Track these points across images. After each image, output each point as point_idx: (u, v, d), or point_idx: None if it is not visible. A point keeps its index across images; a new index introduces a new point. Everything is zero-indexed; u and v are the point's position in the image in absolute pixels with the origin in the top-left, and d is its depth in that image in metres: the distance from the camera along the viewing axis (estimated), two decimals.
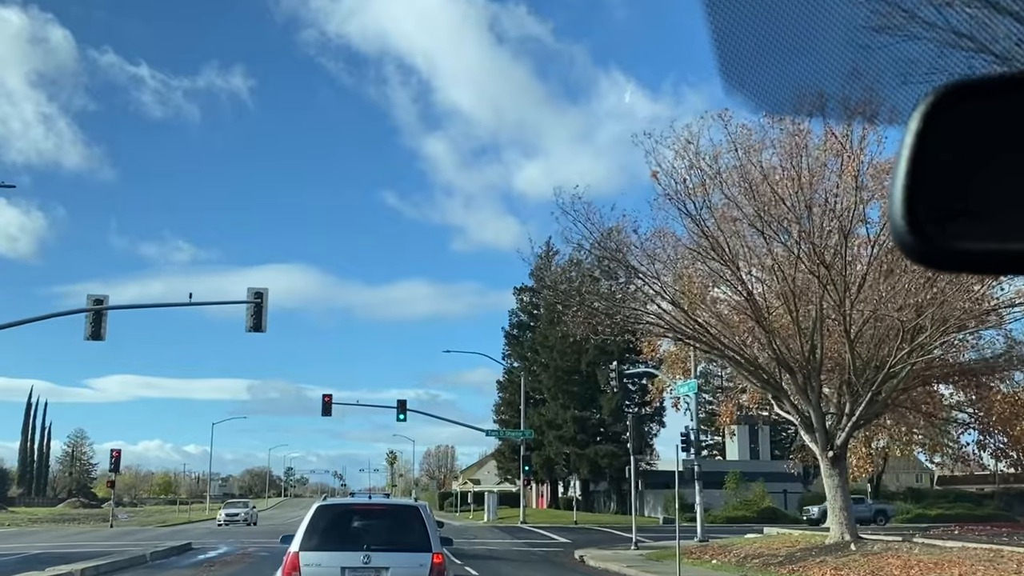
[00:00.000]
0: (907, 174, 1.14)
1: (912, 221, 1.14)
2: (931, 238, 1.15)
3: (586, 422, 68.16)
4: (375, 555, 11.40)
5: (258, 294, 32.23)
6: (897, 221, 1.14)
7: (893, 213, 1.15)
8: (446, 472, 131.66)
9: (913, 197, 1.15)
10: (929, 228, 1.15)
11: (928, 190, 1.15)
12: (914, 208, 1.14)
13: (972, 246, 1.16)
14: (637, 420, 36.52)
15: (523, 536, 45.13)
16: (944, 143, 1.15)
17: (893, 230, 1.13)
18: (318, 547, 11.55)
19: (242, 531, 50.16)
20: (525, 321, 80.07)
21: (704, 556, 29.78)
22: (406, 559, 11.56)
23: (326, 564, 11.39)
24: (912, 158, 1.15)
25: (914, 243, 1.14)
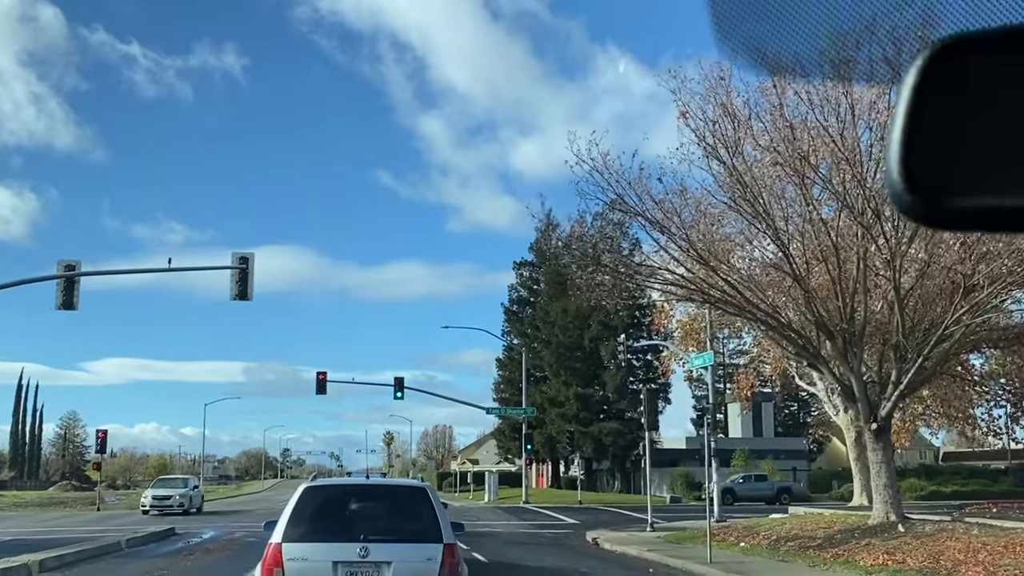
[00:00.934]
0: (904, 130, 1.13)
1: (909, 178, 1.13)
2: (928, 196, 1.14)
3: (589, 399, 65.68)
4: (374, 547, 9.26)
5: (243, 259, 29.57)
6: (893, 178, 1.13)
7: (890, 170, 1.14)
8: (444, 452, 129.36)
9: (910, 154, 1.13)
10: (926, 185, 1.14)
11: (925, 147, 1.13)
12: (911, 165, 1.13)
13: (969, 203, 1.14)
14: (652, 394, 33.98)
15: (528, 517, 42.66)
16: (942, 98, 1.14)
17: (889, 187, 1.12)
18: (305, 537, 9.46)
19: (232, 512, 47.59)
20: (525, 297, 77.50)
21: (729, 538, 27.28)
22: (412, 551, 9.42)
23: (314, 558, 9.29)
24: (909, 114, 1.14)
25: (911, 201, 1.13)
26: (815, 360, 24.01)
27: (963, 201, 1.17)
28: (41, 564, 19.01)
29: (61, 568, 19.51)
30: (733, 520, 35.63)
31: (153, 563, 20.32)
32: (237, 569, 18.46)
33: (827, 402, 37.56)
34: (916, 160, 1.16)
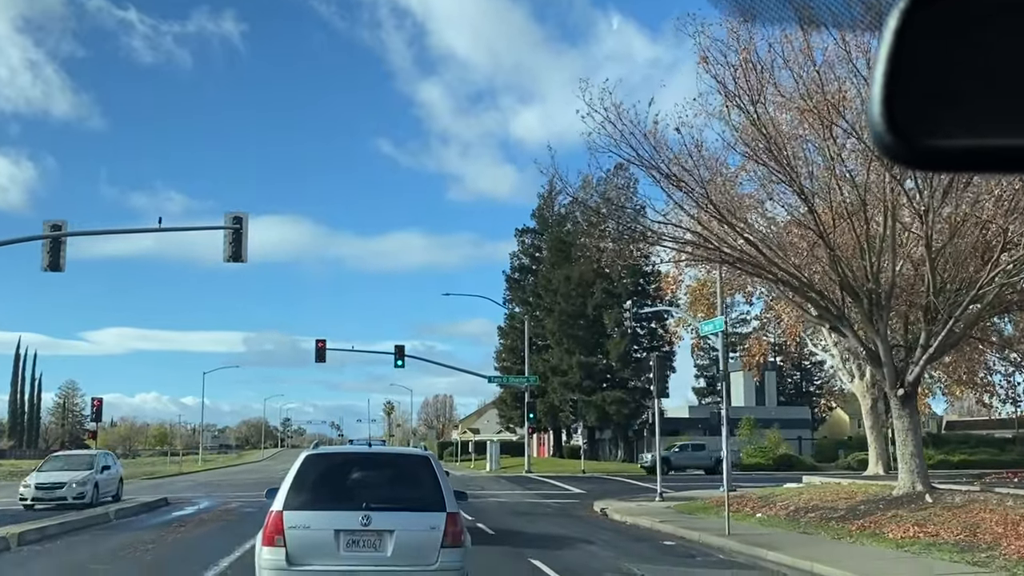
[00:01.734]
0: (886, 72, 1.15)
1: (890, 119, 1.15)
2: (909, 136, 1.15)
3: (592, 368, 64.51)
4: (376, 515, 9.05)
5: (237, 219, 28.20)
6: (875, 119, 1.15)
7: (872, 111, 1.15)
8: (445, 422, 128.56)
9: (892, 95, 1.15)
10: (907, 126, 1.15)
11: (907, 88, 1.15)
12: (892, 106, 1.15)
13: (950, 144, 1.16)
14: (661, 361, 32.74)
15: (532, 486, 41.59)
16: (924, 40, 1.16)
17: (871, 128, 1.14)
18: (307, 505, 9.23)
19: (229, 481, 46.55)
20: (527, 264, 76.14)
21: (744, 508, 26.15)
22: (414, 519, 9.17)
23: (316, 526, 9.04)
24: (891, 56, 1.15)
25: (892, 142, 1.15)
26: (838, 322, 22.72)
27: (943, 142, 1.16)
28: (20, 537, 17.84)
29: (42, 541, 18.35)
30: (744, 489, 34.51)
31: (139, 536, 19.15)
32: (229, 542, 17.29)
33: (841, 368, 36.37)
34: (898, 101, 1.15)
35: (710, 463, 54.14)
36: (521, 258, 75.90)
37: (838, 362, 35.95)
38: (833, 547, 18.06)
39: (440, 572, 9.07)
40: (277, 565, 8.93)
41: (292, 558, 8.91)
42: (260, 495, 28.67)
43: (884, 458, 36.57)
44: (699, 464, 54.75)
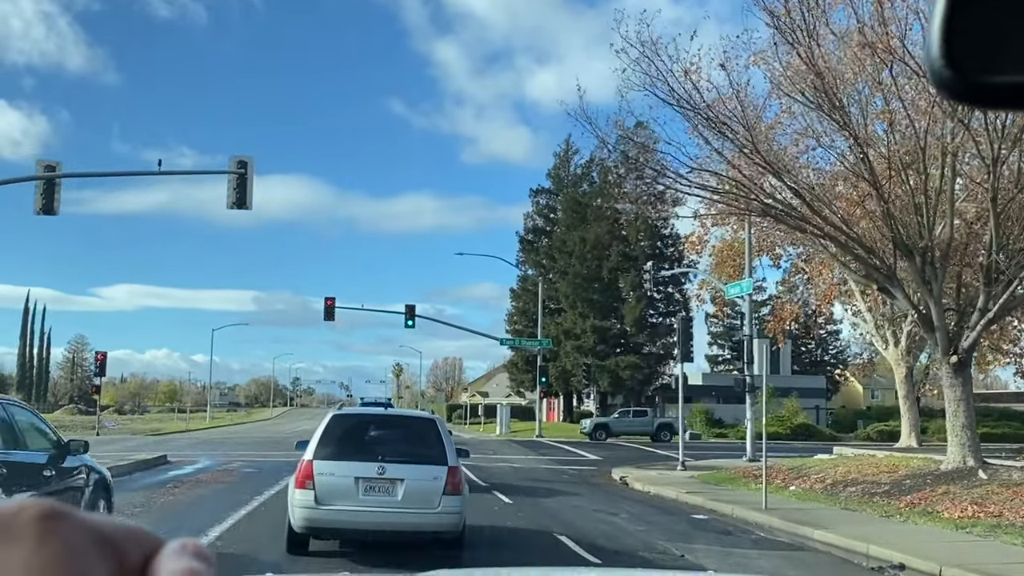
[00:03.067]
0: (945, 6, 1.09)
1: (948, 54, 1.10)
2: (967, 72, 1.10)
3: (607, 332, 62.83)
4: (390, 466, 10.83)
5: (242, 163, 26.43)
6: (933, 55, 1.10)
7: (929, 47, 1.11)
8: (454, 384, 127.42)
9: (951, 30, 1.10)
10: (966, 62, 1.10)
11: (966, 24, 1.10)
12: (951, 41, 1.10)
13: (1008, 80, 1.11)
14: (686, 323, 31.01)
15: (546, 451, 40.05)
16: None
17: (928, 63, 1.10)
18: (332, 456, 10.95)
19: (234, 440, 45.20)
20: (541, 226, 74.25)
21: (775, 480, 24.49)
22: (421, 471, 10.92)
23: (340, 473, 10.79)
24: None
25: (950, 77, 1.10)
26: (888, 282, 20.87)
27: (1001, 78, 1.10)
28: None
29: None
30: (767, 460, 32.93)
31: (131, 497, 17.61)
32: (222, 509, 15.74)
33: (875, 335, 34.54)
34: (956, 36, 1.09)
35: (651, 429, 52.63)
36: (535, 219, 74.02)
37: (871, 328, 34.10)
38: (884, 526, 16.39)
39: (441, 514, 10.69)
40: (308, 504, 10.54)
41: (320, 499, 10.53)
42: (264, 455, 26.39)
43: (916, 430, 34.84)
44: (640, 430, 53.04)
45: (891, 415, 64.22)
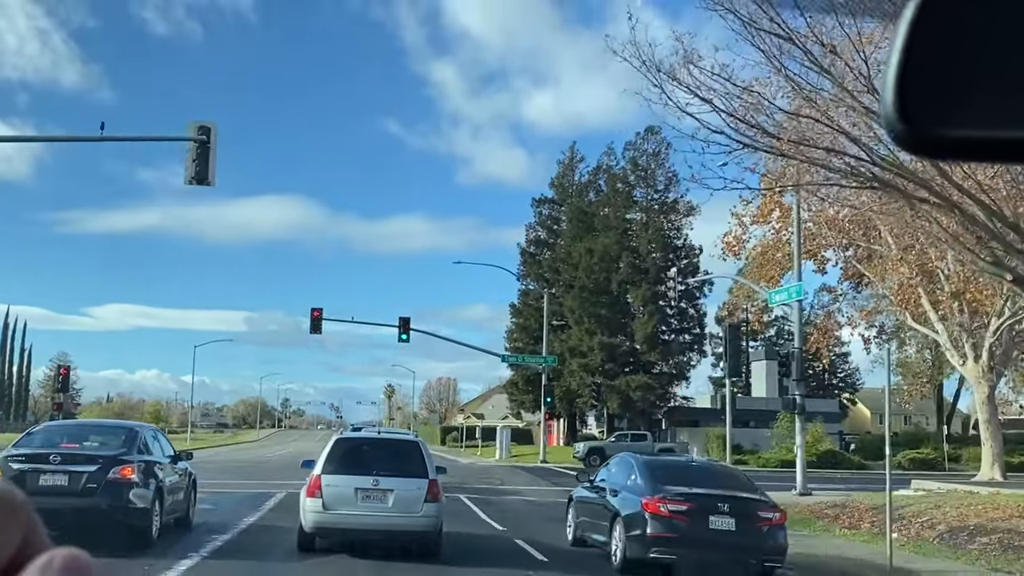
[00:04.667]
0: (900, 60, 1.17)
1: (902, 107, 1.17)
2: (920, 125, 1.17)
3: (615, 350, 57.68)
4: (382, 479, 12.91)
5: (203, 129, 21.45)
6: (888, 106, 1.17)
7: (884, 98, 1.17)
8: (448, 405, 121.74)
9: (905, 83, 1.17)
10: (919, 115, 1.17)
11: (920, 77, 1.18)
12: (905, 94, 1.17)
13: (961, 133, 1.18)
14: (734, 330, 25.98)
15: (558, 480, 34.76)
16: (940, 30, 1.18)
17: (883, 115, 1.17)
18: (336, 471, 13.06)
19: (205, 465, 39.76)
20: (544, 238, 69.25)
21: (865, 525, 19.37)
22: (407, 483, 12.92)
23: (343, 485, 12.88)
24: (906, 44, 1.18)
25: (903, 129, 1.17)
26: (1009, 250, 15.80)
27: (954, 132, 1.17)
28: None
29: None
30: (824, 495, 27.79)
31: None
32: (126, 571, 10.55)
33: (950, 350, 29.47)
34: (911, 89, 1.16)
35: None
36: (538, 230, 69.00)
37: (945, 340, 29.04)
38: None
39: (423, 518, 12.91)
40: (317, 509, 12.80)
41: (326, 505, 12.81)
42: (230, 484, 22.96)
43: (1000, 460, 29.76)
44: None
45: (920, 442, 59.19)
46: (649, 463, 14.47)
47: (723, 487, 13.40)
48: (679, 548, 12.37)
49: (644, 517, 12.53)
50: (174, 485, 14.37)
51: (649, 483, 13.15)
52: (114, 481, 12.55)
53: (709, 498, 12.74)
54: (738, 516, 12.56)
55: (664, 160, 58.53)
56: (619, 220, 58.50)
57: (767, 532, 12.73)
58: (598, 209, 61.64)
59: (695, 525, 12.37)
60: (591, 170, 63.93)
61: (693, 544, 12.34)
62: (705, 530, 12.37)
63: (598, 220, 60.44)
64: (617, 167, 61.21)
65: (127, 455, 13.10)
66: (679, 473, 14.05)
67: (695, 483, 13.32)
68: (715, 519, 12.46)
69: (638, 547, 12.57)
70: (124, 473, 12.67)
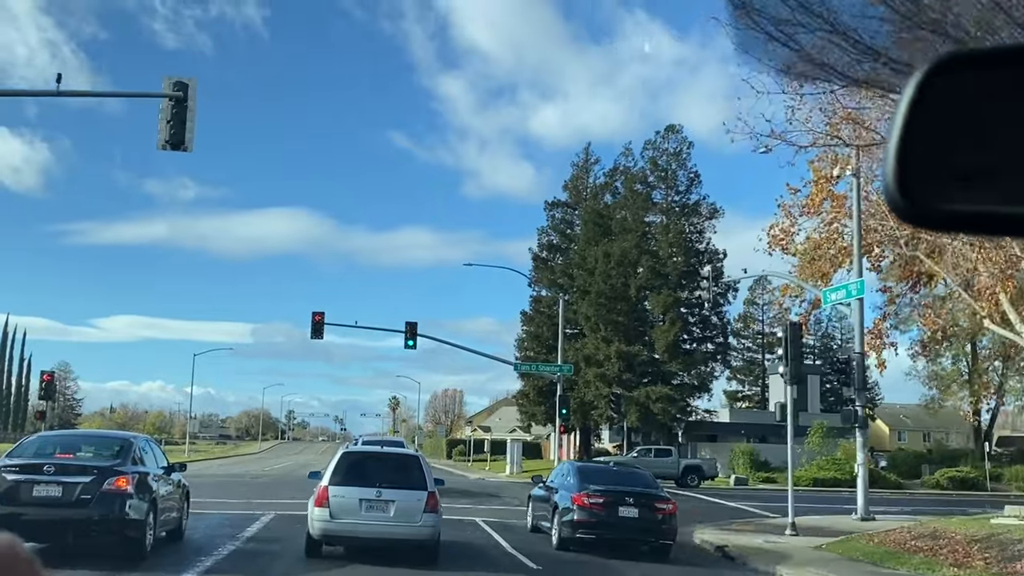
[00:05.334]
0: (900, 137, 1.21)
1: (902, 182, 1.21)
2: (919, 200, 1.22)
3: (634, 359, 53.91)
4: (385, 491, 13.59)
5: (179, 85, 18.14)
6: (888, 181, 1.21)
7: (885, 173, 1.22)
8: (453, 418, 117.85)
9: (905, 160, 1.22)
10: (918, 190, 1.22)
11: (920, 154, 1.22)
12: (905, 170, 1.22)
13: (959, 208, 1.23)
14: (795, 330, 22.24)
15: None
16: (937, 111, 1.23)
17: (884, 189, 1.21)
18: (342, 483, 13.66)
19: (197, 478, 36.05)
20: (556, 243, 65.62)
21: (972, 561, 15.67)
22: (408, 494, 13.63)
23: (348, 496, 13.52)
24: (906, 123, 1.22)
25: (903, 204, 1.21)
26: None
27: (953, 207, 1.21)
28: None
29: None
30: (888, 520, 24.09)
31: None
32: None
33: None
34: (911, 167, 1.20)
35: (676, 473, 43.32)
36: (550, 235, 65.37)
37: None
38: None
39: (422, 527, 13.59)
40: (324, 518, 13.46)
41: (333, 514, 13.48)
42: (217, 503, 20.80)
43: None
44: (661, 474, 43.83)
45: (957, 459, 55.42)
46: (580, 467, 19.47)
47: (632, 485, 17.45)
48: (597, 530, 16.50)
49: (572, 508, 16.68)
50: (168, 497, 14.03)
51: (578, 482, 17.23)
52: (109, 492, 12.26)
53: (619, 493, 16.83)
54: (640, 507, 16.64)
55: (686, 160, 55.01)
56: (637, 223, 54.89)
57: (662, 519, 16.62)
58: (615, 212, 58.07)
59: (609, 513, 16.53)
60: (607, 171, 60.42)
61: (607, 527, 16.49)
62: (616, 517, 16.54)
63: (615, 223, 56.86)
64: (635, 168, 57.67)
65: (122, 466, 12.82)
66: (602, 475, 18.29)
67: (612, 482, 17.48)
68: (623, 509, 16.58)
69: (568, 530, 16.73)
70: (119, 484, 12.39)
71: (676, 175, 54.82)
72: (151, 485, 13.05)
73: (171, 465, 14.91)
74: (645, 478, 18.71)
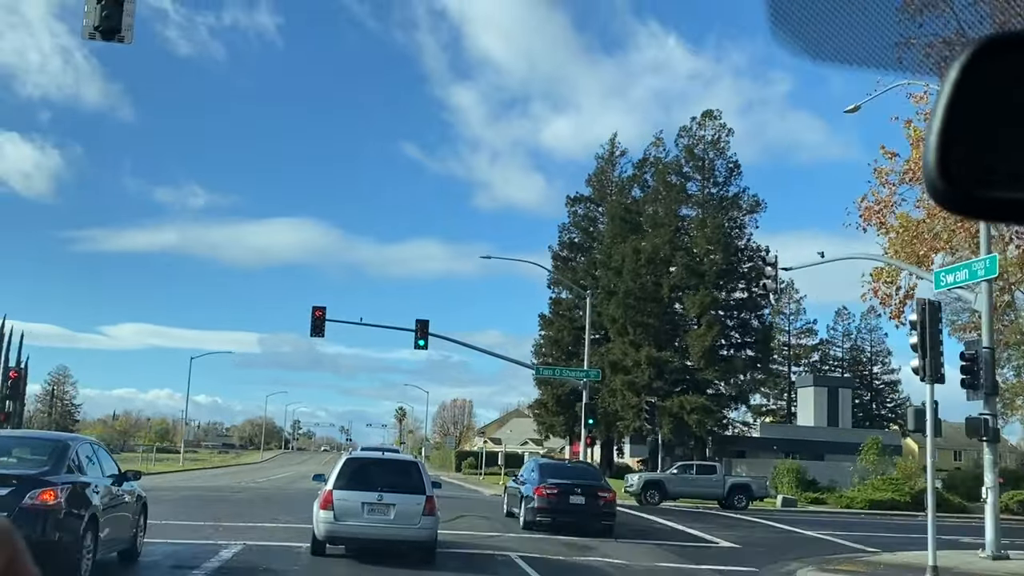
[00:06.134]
0: (943, 122, 1.18)
1: (944, 168, 1.18)
2: (962, 186, 1.19)
3: (665, 366, 48.49)
4: (386, 495, 14.20)
5: None
6: (930, 167, 1.19)
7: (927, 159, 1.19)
8: (463, 429, 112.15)
9: (947, 145, 1.18)
10: (961, 176, 1.19)
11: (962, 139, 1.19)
12: (948, 156, 1.18)
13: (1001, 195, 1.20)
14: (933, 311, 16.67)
15: (635, 528, 25.35)
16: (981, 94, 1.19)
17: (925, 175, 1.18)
18: (346, 487, 14.32)
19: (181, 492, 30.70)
20: (579, 241, 60.35)
21: None
22: (408, 498, 14.19)
23: (351, 499, 14.14)
24: (949, 107, 1.18)
25: (945, 190, 1.19)
26: None
27: (995, 193, 1.18)
28: None
29: None
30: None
31: None
32: None
33: None
34: (953, 151, 1.17)
35: (721, 492, 37.48)
36: (572, 232, 60.10)
37: None
38: None
39: (421, 529, 14.14)
40: (329, 520, 14.03)
41: (337, 517, 14.03)
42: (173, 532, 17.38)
43: None
44: (704, 493, 38.04)
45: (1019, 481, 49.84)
46: (542, 464, 24.51)
47: (581, 478, 22.50)
48: (552, 514, 21.37)
49: (534, 497, 21.65)
50: (115, 511, 11.87)
51: (540, 477, 22.36)
52: (30, 508, 9.94)
53: (570, 484, 21.75)
54: (586, 495, 21.61)
55: (724, 148, 49.67)
56: (671, 217, 49.55)
57: (603, 504, 21.66)
58: (644, 206, 52.75)
59: (561, 501, 21.39)
60: (636, 162, 55.10)
61: (560, 512, 21.31)
62: (567, 504, 21.38)
63: (645, 218, 51.56)
64: (667, 158, 52.35)
65: (51, 475, 10.53)
66: (559, 470, 23.70)
67: (565, 476, 22.56)
68: (573, 497, 21.47)
69: (531, 514, 21.62)
70: (44, 498, 10.11)
71: (714, 164, 49.52)
72: (90, 498, 10.89)
73: (123, 474, 12.93)
74: (593, 472, 24.68)
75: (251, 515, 21.14)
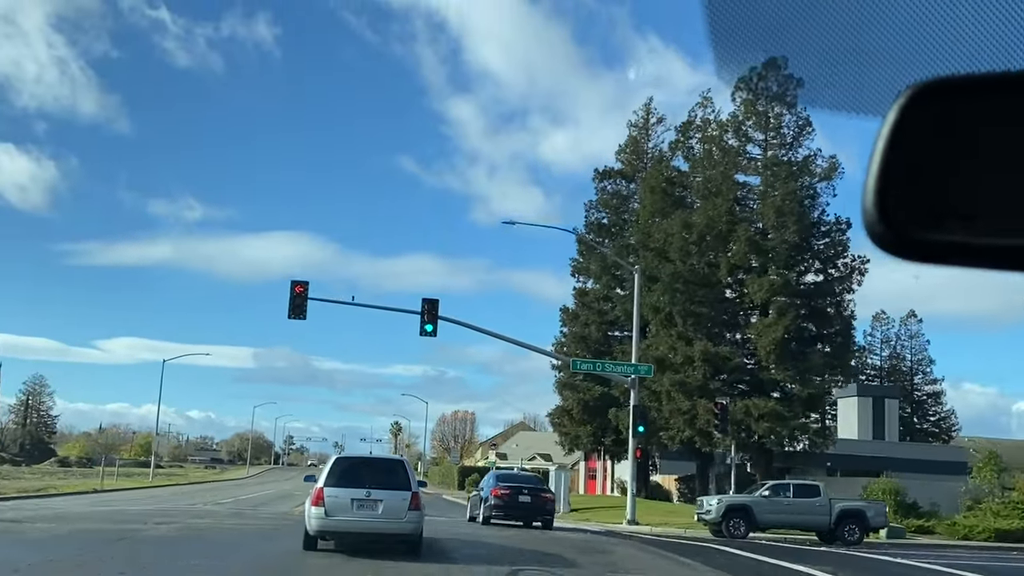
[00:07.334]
0: (881, 165, 1.16)
1: (882, 210, 1.16)
2: (898, 228, 1.16)
3: (724, 363, 38.96)
4: (374, 491, 14.86)
5: None
6: (868, 208, 1.16)
7: (865, 201, 1.17)
8: (464, 443, 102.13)
9: (885, 188, 1.16)
10: (897, 218, 1.16)
11: (900, 182, 1.17)
12: (885, 198, 1.16)
13: (937, 238, 1.17)
14: None
15: None
16: (919, 137, 1.17)
17: (864, 216, 1.16)
18: (336, 484, 14.99)
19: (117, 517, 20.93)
20: (607, 223, 50.95)
21: None
22: (394, 495, 14.91)
23: (341, 496, 14.80)
24: (887, 150, 1.16)
25: (882, 231, 1.16)
26: None
27: (932, 235, 1.15)
28: None
29: None
30: None
31: None
32: None
33: None
34: (891, 193, 1.15)
35: (827, 522, 27.69)
36: (600, 212, 50.69)
37: None
38: None
39: (407, 523, 14.89)
40: (320, 516, 14.69)
41: (328, 512, 14.71)
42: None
43: None
44: (802, 522, 28.39)
45: None
46: (498, 474, 30.58)
47: (527, 483, 28.52)
48: (505, 511, 26.76)
49: (491, 498, 27.04)
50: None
51: (496, 482, 28.04)
52: None
53: (519, 487, 27.39)
54: (532, 495, 27.24)
55: (794, 102, 40.26)
56: (729, 185, 40.15)
57: (545, 502, 27.53)
58: (692, 175, 43.36)
59: (512, 500, 26.83)
60: (680, 125, 45.67)
61: (512, 509, 26.83)
62: (517, 502, 26.89)
63: (695, 187, 42.17)
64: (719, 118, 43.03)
65: None
66: (510, 477, 29.67)
67: (516, 481, 28.53)
68: (521, 497, 26.98)
69: (487, 512, 26.90)
70: None
71: (781, 120, 40.15)
72: None
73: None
74: (536, 479, 31.04)
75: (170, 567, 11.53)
